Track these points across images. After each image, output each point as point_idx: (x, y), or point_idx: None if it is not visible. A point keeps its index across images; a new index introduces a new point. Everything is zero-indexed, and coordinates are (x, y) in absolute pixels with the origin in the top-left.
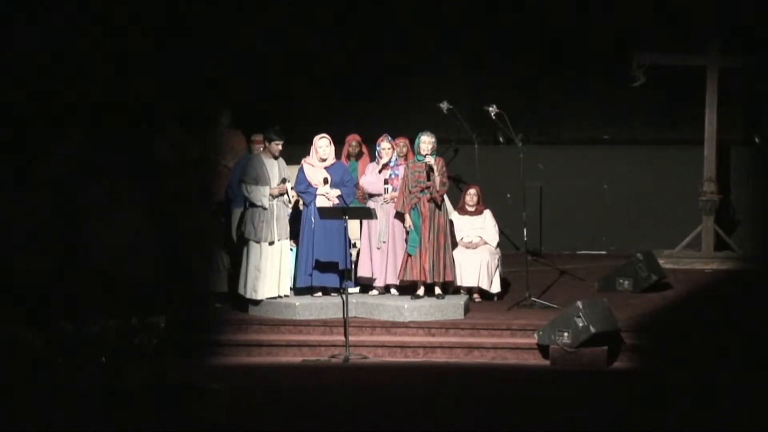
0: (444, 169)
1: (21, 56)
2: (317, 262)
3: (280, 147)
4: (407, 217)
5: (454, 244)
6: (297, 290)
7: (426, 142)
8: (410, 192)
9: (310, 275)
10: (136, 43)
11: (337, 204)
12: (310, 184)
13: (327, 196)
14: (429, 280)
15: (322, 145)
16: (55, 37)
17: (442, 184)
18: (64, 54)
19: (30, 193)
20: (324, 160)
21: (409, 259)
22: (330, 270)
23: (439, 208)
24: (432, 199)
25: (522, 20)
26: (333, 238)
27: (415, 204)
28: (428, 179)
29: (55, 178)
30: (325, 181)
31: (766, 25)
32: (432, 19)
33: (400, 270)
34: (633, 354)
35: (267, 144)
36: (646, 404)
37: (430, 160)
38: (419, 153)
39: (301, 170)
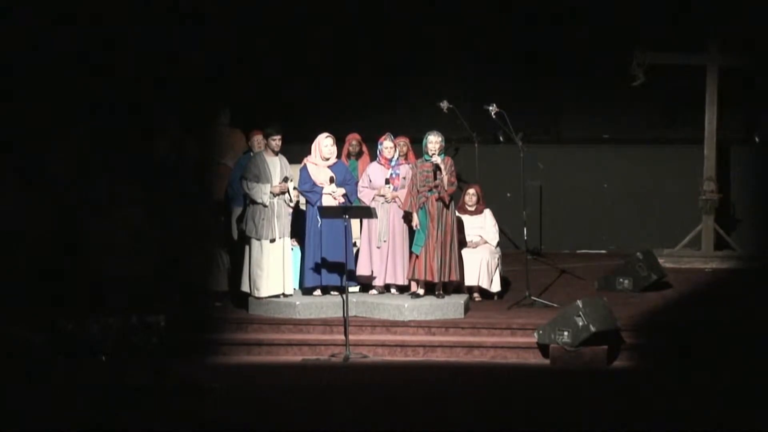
0: (452, 169)
1: (21, 56)
2: (326, 261)
3: (278, 141)
4: (415, 216)
5: (463, 244)
6: (305, 290)
7: (433, 142)
8: (418, 191)
9: (319, 274)
10: (136, 43)
11: (343, 203)
12: (315, 184)
13: (333, 195)
14: (436, 280)
15: (327, 144)
16: (54, 36)
17: (451, 183)
18: (64, 53)
19: (30, 193)
20: (327, 159)
21: (417, 259)
22: (338, 269)
23: (447, 208)
24: (440, 199)
25: (522, 20)
26: (339, 237)
27: (423, 203)
28: (435, 178)
29: (55, 178)
30: (331, 180)
31: (766, 25)
32: (432, 19)
33: (409, 269)
34: (633, 353)
35: (266, 140)
36: (646, 404)
37: (437, 159)
38: (427, 153)
39: (305, 170)
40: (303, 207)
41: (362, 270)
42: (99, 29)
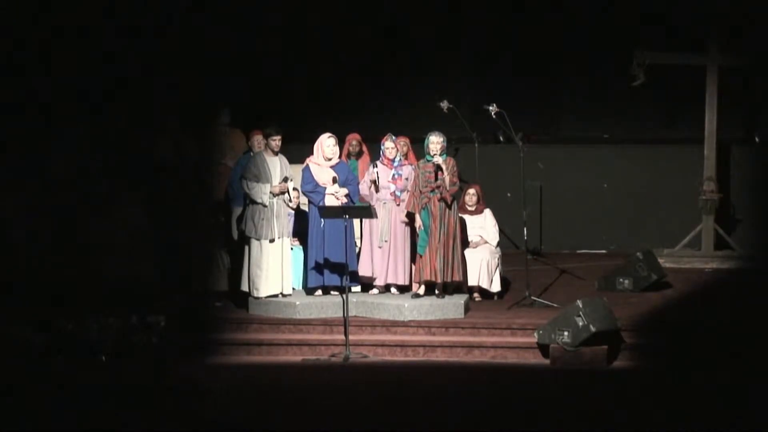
0: (455, 169)
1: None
2: (328, 261)
3: (278, 142)
4: (417, 217)
5: (466, 244)
6: (308, 290)
7: (434, 142)
8: (421, 192)
9: (322, 275)
10: (136, 43)
11: (346, 203)
12: (317, 184)
13: (336, 195)
14: (439, 280)
15: (330, 144)
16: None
17: (452, 183)
18: (64, 54)
19: (30, 193)
20: (330, 159)
21: (421, 259)
22: (340, 269)
23: (450, 208)
24: (442, 199)
25: (522, 20)
26: (342, 237)
27: (426, 204)
28: (437, 179)
29: (56, 178)
30: (334, 180)
31: (766, 24)
32: (432, 19)
33: (416, 271)
34: (633, 353)
35: (266, 140)
36: (646, 404)
37: (439, 160)
38: (428, 153)
39: (307, 170)
40: (304, 207)
41: (363, 270)
42: (98, 29)
